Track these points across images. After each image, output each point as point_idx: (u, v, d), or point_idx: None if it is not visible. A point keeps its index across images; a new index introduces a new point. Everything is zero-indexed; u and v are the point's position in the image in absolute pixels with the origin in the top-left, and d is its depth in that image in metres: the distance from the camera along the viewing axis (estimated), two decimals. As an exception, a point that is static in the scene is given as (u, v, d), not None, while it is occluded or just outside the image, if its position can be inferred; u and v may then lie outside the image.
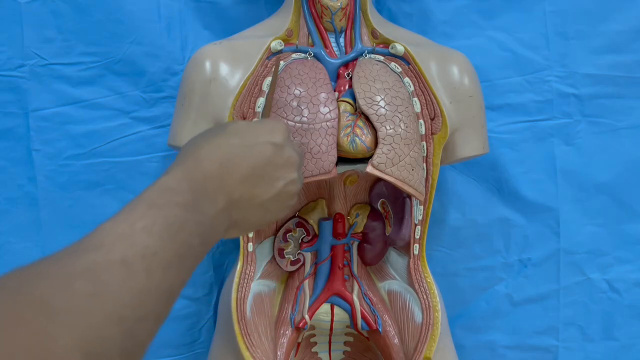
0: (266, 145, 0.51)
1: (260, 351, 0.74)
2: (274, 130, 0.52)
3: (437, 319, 0.77)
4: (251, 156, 0.49)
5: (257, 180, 0.49)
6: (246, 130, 0.51)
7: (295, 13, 0.78)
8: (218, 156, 0.48)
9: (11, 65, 0.88)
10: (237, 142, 0.49)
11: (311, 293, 0.81)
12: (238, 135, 0.50)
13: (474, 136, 0.81)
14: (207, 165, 0.47)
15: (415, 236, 0.79)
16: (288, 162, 0.52)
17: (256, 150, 0.50)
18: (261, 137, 0.51)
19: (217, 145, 0.48)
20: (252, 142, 0.50)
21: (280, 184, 0.51)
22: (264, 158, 0.50)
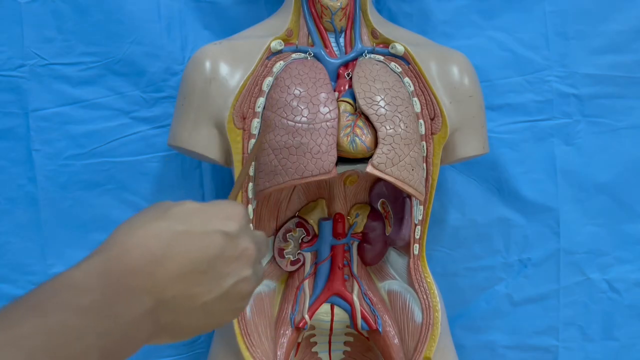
0: (216, 235, 0.41)
1: (260, 351, 0.74)
2: (229, 217, 0.43)
3: (437, 319, 0.77)
4: (196, 247, 0.40)
5: (200, 277, 0.40)
6: (195, 214, 0.42)
7: (295, 13, 0.78)
8: (151, 245, 0.38)
9: (11, 65, 0.88)
10: (181, 229, 0.40)
11: (311, 293, 0.81)
12: (184, 220, 0.41)
13: (474, 136, 0.81)
14: (136, 256, 0.38)
15: (415, 236, 0.79)
16: (242, 256, 0.42)
17: (203, 241, 0.41)
18: (212, 225, 0.41)
19: (155, 232, 0.39)
20: (200, 230, 0.41)
21: (229, 282, 0.41)
22: (211, 251, 0.41)
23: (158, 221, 0.40)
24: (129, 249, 0.38)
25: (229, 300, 0.42)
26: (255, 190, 0.75)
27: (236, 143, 0.75)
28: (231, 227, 0.42)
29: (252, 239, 0.44)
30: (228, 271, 0.42)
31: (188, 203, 0.43)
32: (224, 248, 0.41)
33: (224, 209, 0.44)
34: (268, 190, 0.73)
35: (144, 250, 0.38)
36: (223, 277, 0.41)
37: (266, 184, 0.73)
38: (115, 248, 0.38)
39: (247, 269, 0.43)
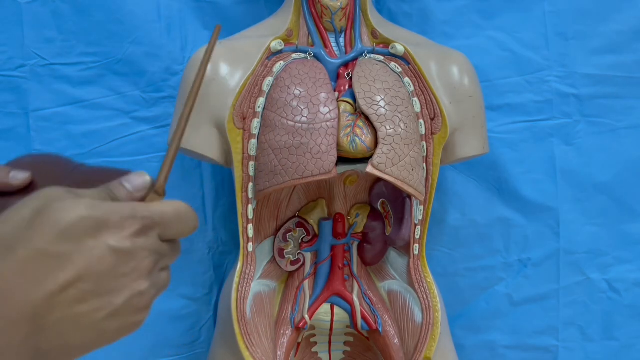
0: (104, 252, 0.36)
1: (260, 351, 0.74)
2: (119, 228, 0.37)
3: (437, 319, 0.77)
4: (79, 265, 0.35)
5: (85, 296, 0.35)
6: (80, 227, 0.35)
7: (295, 13, 0.78)
8: (27, 266, 0.33)
9: (11, 66, 0.88)
10: (66, 246, 0.34)
11: (311, 293, 0.81)
12: (69, 235, 0.35)
13: (474, 136, 0.81)
14: (9, 279, 0.33)
15: (415, 236, 0.80)
16: (136, 272, 0.37)
17: (88, 257, 0.35)
18: (99, 239, 0.36)
19: (33, 250, 0.34)
20: (86, 245, 0.35)
21: (121, 299, 0.37)
22: (98, 268, 0.35)
23: (38, 235, 0.34)
24: (2, 274, 0.33)
25: (123, 316, 0.37)
26: (255, 190, 0.75)
27: (236, 143, 0.75)
28: (123, 243, 0.37)
29: (149, 251, 0.38)
30: (120, 287, 0.37)
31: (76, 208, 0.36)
32: (115, 265, 0.36)
33: (116, 220, 0.37)
34: (268, 190, 0.73)
35: (20, 275, 0.34)
36: (114, 294, 0.37)
37: (266, 184, 0.73)
38: None
39: (143, 282, 0.38)
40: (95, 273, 0.35)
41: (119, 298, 0.36)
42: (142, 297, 0.38)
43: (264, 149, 0.74)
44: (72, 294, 0.34)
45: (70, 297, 0.34)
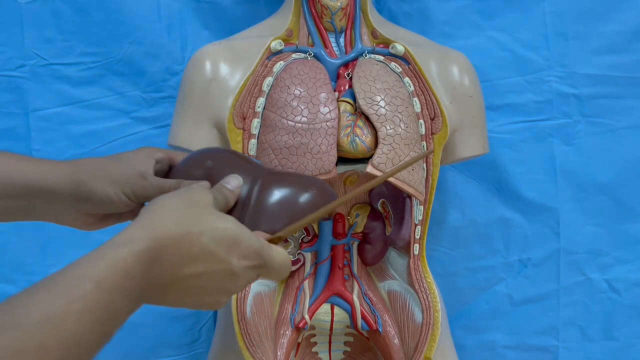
0: (226, 269, 0.48)
1: (260, 351, 0.74)
2: (244, 257, 0.48)
3: (437, 319, 0.77)
4: (208, 266, 0.47)
5: (195, 284, 0.47)
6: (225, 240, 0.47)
7: (295, 13, 0.78)
8: (183, 251, 0.45)
9: (11, 66, 0.88)
10: (211, 249, 0.46)
11: (311, 293, 0.81)
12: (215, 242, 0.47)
13: (474, 136, 0.81)
14: (167, 259, 0.45)
15: (415, 236, 0.79)
16: (229, 290, 0.49)
17: (216, 265, 0.47)
18: (230, 257, 0.47)
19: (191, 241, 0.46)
20: (221, 256, 0.47)
21: (209, 299, 0.49)
22: (215, 276, 0.47)
23: (198, 233, 0.46)
24: (163, 249, 0.44)
25: (198, 305, 0.49)
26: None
27: (236, 143, 0.75)
28: (239, 270, 0.48)
29: (246, 281, 0.50)
30: (214, 293, 0.49)
31: (227, 223, 0.48)
32: (224, 280, 0.48)
33: (245, 250, 0.49)
34: (268, 190, 0.73)
35: (176, 254, 0.45)
36: (208, 295, 0.49)
37: (266, 184, 0.73)
38: (162, 244, 0.44)
39: (226, 298, 0.50)
40: (212, 277, 0.47)
41: (208, 298, 0.49)
42: (217, 304, 0.50)
43: (264, 149, 0.73)
44: (192, 279, 0.46)
45: (190, 280, 0.46)
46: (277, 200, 0.57)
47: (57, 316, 0.35)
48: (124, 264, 0.41)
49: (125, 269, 0.41)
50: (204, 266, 0.46)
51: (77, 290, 0.37)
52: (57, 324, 0.35)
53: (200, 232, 0.46)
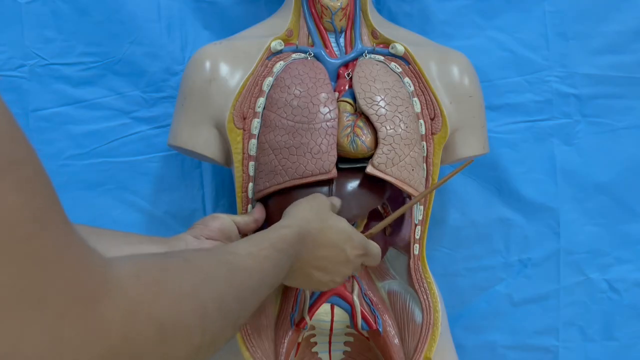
0: (343, 254, 0.66)
1: (260, 351, 0.74)
2: (355, 247, 0.66)
3: (437, 319, 0.77)
4: (332, 251, 0.65)
5: (320, 265, 0.64)
6: (343, 233, 0.66)
7: (295, 13, 0.78)
8: (319, 237, 0.63)
9: (11, 65, 0.88)
10: (335, 238, 0.65)
11: (311, 293, 0.81)
12: (337, 233, 0.65)
13: (474, 136, 0.81)
14: (310, 242, 0.62)
15: (415, 236, 0.79)
16: (343, 272, 0.67)
17: (337, 251, 0.65)
18: (346, 246, 0.66)
19: (326, 239, 0.64)
20: (340, 244, 0.65)
21: (328, 278, 0.66)
22: (335, 259, 0.65)
23: (331, 233, 0.65)
24: (307, 237, 0.62)
25: (320, 284, 0.66)
26: (255, 190, 0.75)
27: (236, 143, 0.75)
28: (352, 256, 0.67)
29: (354, 267, 0.68)
30: (333, 273, 0.66)
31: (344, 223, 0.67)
32: (341, 263, 0.66)
33: (356, 242, 0.67)
34: (268, 190, 0.73)
35: (315, 238, 0.63)
36: (329, 274, 0.65)
37: (266, 184, 0.73)
38: (306, 231, 0.61)
39: (340, 278, 0.67)
40: (333, 260, 0.65)
41: (328, 277, 0.66)
42: (332, 283, 0.67)
43: (264, 149, 0.73)
44: (320, 260, 0.64)
45: (318, 261, 0.64)
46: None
47: (253, 254, 0.51)
48: (286, 236, 0.58)
49: (286, 240, 0.58)
50: (329, 251, 0.64)
51: (263, 245, 0.54)
52: (254, 257, 0.51)
53: (328, 227, 0.64)
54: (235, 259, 0.49)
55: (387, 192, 0.75)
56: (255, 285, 0.50)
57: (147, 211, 0.93)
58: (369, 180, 0.73)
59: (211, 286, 0.42)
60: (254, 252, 0.52)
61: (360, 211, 0.75)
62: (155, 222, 0.93)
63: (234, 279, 0.47)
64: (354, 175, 0.74)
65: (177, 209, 0.94)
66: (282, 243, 0.57)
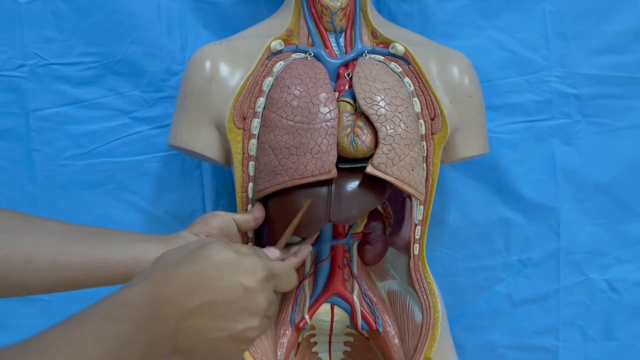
0: (237, 287, 0.49)
1: (260, 351, 0.74)
2: (252, 272, 0.51)
3: (437, 319, 0.77)
4: (218, 293, 0.48)
5: (215, 317, 0.48)
6: (226, 265, 0.50)
7: (295, 13, 0.78)
8: (184, 283, 0.47)
9: (11, 65, 0.88)
10: (212, 275, 0.49)
11: (311, 293, 0.81)
12: (216, 268, 0.49)
13: (474, 136, 0.81)
14: (172, 289, 0.47)
15: (415, 236, 0.79)
16: (254, 309, 0.50)
17: (225, 288, 0.49)
18: (236, 276, 0.50)
19: (189, 273, 0.48)
20: (225, 279, 0.49)
21: (238, 327, 0.50)
22: (228, 298, 0.49)
23: (195, 263, 0.49)
24: (167, 281, 0.47)
25: (235, 341, 0.50)
26: (255, 190, 0.75)
27: (236, 143, 0.75)
28: (251, 283, 0.50)
29: (266, 296, 0.52)
30: (239, 318, 0.50)
31: (225, 252, 0.50)
32: (241, 298, 0.50)
33: (249, 264, 0.51)
34: (268, 190, 0.73)
35: (178, 287, 0.47)
36: (234, 322, 0.49)
37: (266, 184, 0.73)
38: (157, 276, 0.47)
39: (256, 320, 0.51)
40: (227, 300, 0.49)
41: (238, 325, 0.49)
42: (253, 331, 0.51)
43: (264, 149, 0.74)
44: (207, 312, 0.48)
45: (205, 314, 0.47)
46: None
47: (74, 344, 0.40)
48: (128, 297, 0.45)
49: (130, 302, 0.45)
50: (215, 291, 0.48)
51: (89, 321, 0.41)
52: (74, 351, 0.40)
53: (202, 257, 0.49)
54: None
55: (387, 192, 0.75)
56: None
57: (147, 211, 0.93)
58: (368, 180, 0.73)
59: None
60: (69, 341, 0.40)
61: (360, 211, 0.74)
62: (155, 222, 0.93)
63: None
64: (354, 175, 0.74)
65: (177, 209, 0.94)
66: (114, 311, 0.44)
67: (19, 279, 0.54)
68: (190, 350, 0.48)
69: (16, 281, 0.54)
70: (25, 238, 0.56)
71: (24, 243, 0.55)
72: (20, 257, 0.54)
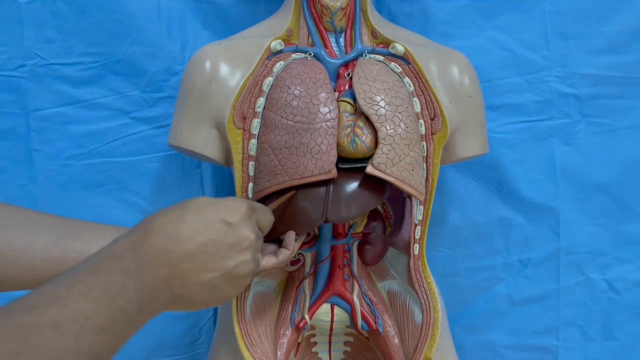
0: (219, 224, 0.51)
1: (260, 351, 0.74)
2: (232, 210, 0.52)
3: (437, 319, 0.77)
4: (202, 232, 0.49)
5: (205, 257, 0.49)
6: (205, 207, 0.51)
7: (295, 13, 0.78)
8: (167, 229, 0.48)
9: (11, 65, 0.88)
10: (192, 218, 0.50)
11: (311, 293, 0.81)
12: (196, 211, 0.50)
13: (474, 136, 0.81)
14: (155, 237, 0.47)
15: (415, 236, 0.79)
16: (241, 243, 0.52)
17: (208, 228, 0.50)
18: (217, 215, 0.51)
19: (171, 219, 0.49)
20: (208, 219, 0.50)
21: (230, 263, 0.51)
22: (213, 235, 0.50)
23: (176, 211, 0.50)
24: (149, 231, 0.48)
25: (231, 279, 0.51)
26: (255, 190, 0.75)
27: (236, 143, 0.75)
28: (232, 218, 0.52)
29: (252, 229, 0.53)
30: (230, 254, 0.51)
31: (202, 198, 0.53)
32: (226, 235, 0.51)
33: (228, 203, 0.53)
34: (268, 190, 0.73)
35: (161, 232, 0.48)
36: (226, 259, 0.51)
37: (266, 184, 0.73)
38: (140, 231, 0.48)
39: (247, 253, 0.52)
40: (213, 240, 0.50)
41: (230, 262, 0.51)
42: (246, 265, 0.52)
43: (264, 149, 0.74)
44: (197, 255, 0.49)
45: (195, 257, 0.48)
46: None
47: (61, 297, 0.39)
48: (112, 250, 0.46)
49: (113, 254, 0.46)
50: (201, 233, 0.49)
51: (74, 277, 0.42)
52: (63, 303, 0.39)
53: (181, 209, 0.50)
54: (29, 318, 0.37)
55: (387, 192, 0.75)
56: (71, 341, 0.38)
57: (147, 211, 0.93)
58: (368, 180, 0.73)
59: None
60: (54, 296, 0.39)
61: (360, 211, 0.74)
62: (155, 222, 0.93)
63: (28, 353, 0.36)
64: (353, 175, 0.74)
65: (177, 209, 0.93)
66: (100, 264, 0.44)
67: (12, 274, 0.54)
68: (189, 297, 0.49)
69: (10, 276, 0.54)
70: (19, 233, 0.55)
71: (18, 238, 0.55)
72: (15, 252, 0.54)
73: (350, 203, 0.73)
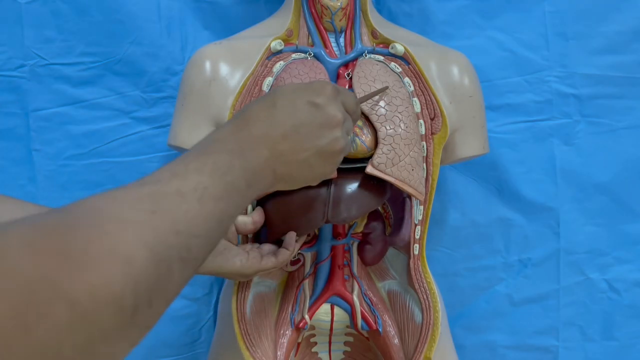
0: (306, 106, 0.55)
1: (260, 351, 0.74)
2: (318, 91, 0.57)
3: (437, 319, 0.77)
4: (293, 115, 0.54)
5: (299, 138, 0.54)
6: (293, 92, 0.56)
7: (295, 13, 0.78)
8: (263, 116, 0.54)
9: (11, 65, 0.88)
10: (283, 103, 0.55)
11: (311, 293, 0.81)
12: (285, 97, 0.55)
13: (474, 136, 0.81)
14: (253, 123, 0.53)
15: (415, 236, 0.79)
16: (330, 121, 0.56)
17: (298, 110, 0.55)
18: (303, 98, 0.56)
19: (265, 106, 0.54)
20: (297, 103, 0.55)
21: (323, 141, 0.56)
22: (304, 117, 0.55)
23: (267, 99, 0.55)
24: (247, 118, 0.53)
25: (325, 156, 0.57)
26: (255, 190, 0.75)
27: (236, 143, 0.75)
28: (318, 99, 0.56)
29: (338, 109, 0.57)
30: (320, 133, 0.56)
31: (289, 84, 0.58)
32: (315, 116, 0.56)
33: (313, 86, 0.57)
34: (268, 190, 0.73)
35: (259, 119, 0.53)
36: (318, 138, 0.56)
37: (266, 184, 0.73)
38: (239, 119, 0.53)
39: (336, 131, 0.57)
40: (303, 121, 0.55)
41: (322, 141, 0.56)
42: (337, 142, 0.57)
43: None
44: (291, 136, 0.54)
45: (290, 138, 0.54)
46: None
47: (180, 173, 0.43)
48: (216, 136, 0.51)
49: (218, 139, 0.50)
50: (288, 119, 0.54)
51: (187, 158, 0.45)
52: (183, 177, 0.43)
53: (276, 92, 0.56)
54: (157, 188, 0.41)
55: (387, 192, 0.75)
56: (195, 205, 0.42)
57: (147, 211, 0.93)
58: (369, 181, 0.73)
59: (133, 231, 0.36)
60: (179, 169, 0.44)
61: (360, 211, 0.74)
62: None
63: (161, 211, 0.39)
64: (353, 175, 0.74)
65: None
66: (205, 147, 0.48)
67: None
68: (290, 175, 0.55)
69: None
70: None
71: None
72: None
73: (351, 204, 0.73)
